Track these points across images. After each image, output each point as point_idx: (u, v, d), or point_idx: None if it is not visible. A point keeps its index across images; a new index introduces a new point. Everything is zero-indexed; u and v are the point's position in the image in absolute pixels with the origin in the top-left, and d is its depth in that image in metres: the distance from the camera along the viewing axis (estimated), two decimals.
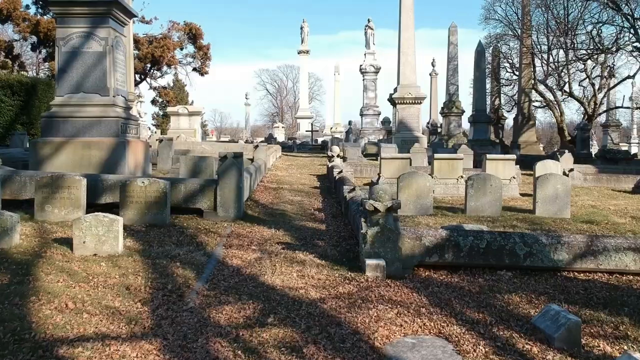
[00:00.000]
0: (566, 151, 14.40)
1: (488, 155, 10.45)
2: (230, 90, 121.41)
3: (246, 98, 63.75)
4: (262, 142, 31.92)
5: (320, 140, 43.03)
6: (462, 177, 10.34)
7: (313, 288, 4.63)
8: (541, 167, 10.43)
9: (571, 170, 12.98)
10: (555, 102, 33.39)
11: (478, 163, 15.49)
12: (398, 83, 19.40)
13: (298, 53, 44.04)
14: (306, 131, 38.21)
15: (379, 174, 10.62)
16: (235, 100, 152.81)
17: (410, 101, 18.82)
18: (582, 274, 5.26)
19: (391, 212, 5.31)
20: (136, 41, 22.55)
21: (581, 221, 7.78)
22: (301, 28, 43.23)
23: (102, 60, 9.58)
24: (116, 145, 9.42)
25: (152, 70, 23.59)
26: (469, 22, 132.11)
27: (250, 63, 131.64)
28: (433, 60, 41.38)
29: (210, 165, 8.88)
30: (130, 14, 10.46)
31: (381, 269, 5.04)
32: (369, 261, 5.09)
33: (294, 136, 40.80)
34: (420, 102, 19.16)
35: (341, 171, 10.36)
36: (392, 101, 19.35)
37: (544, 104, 33.93)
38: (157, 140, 20.09)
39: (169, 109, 30.02)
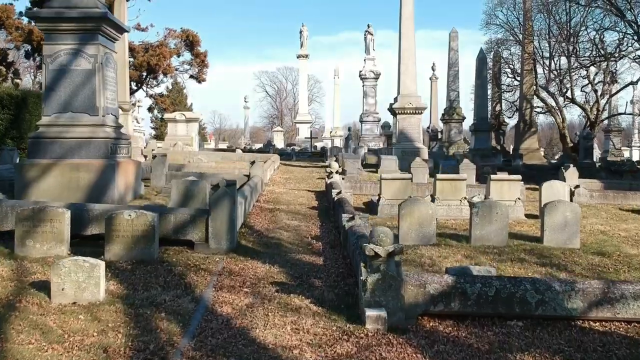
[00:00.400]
0: (571, 166, 14.03)
1: (492, 176, 10.08)
2: (230, 91, 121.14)
3: (245, 101, 63.38)
4: (260, 149, 31.60)
5: (319, 145, 42.71)
6: (465, 198, 9.98)
7: (308, 347, 4.26)
8: (548, 190, 10.06)
9: (577, 187, 12.62)
10: (557, 108, 33.05)
11: (481, 177, 15.14)
12: (398, 93, 19.03)
13: (297, 57, 43.72)
14: (305, 138, 37.84)
15: (379, 195, 10.25)
16: (235, 101, 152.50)
17: (411, 111, 18.45)
18: (597, 324, 4.89)
19: (393, 257, 4.94)
20: (131, 49, 22.19)
21: (592, 252, 7.41)
22: (300, 32, 42.91)
23: (91, 78, 9.21)
24: (105, 167, 9.06)
25: (147, 79, 23.21)
26: (469, 23, 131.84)
27: (250, 64, 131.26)
28: (433, 64, 41.03)
29: (202, 190, 8.51)
30: (121, 29, 10.09)
31: (382, 321, 4.66)
32: (369, 312, 4.71)
33: (293, 142, 40.47)
34: (421, 113, 18.79)
35: (340, 192, 9.99)
36: (392, 111, 18.99)
37: (546, 110, 33.59)
38: (151, 155, 19.74)
39: (167, 116, 29.68)
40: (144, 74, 22.41)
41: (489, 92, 37.10)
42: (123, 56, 19.65)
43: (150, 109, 27.99)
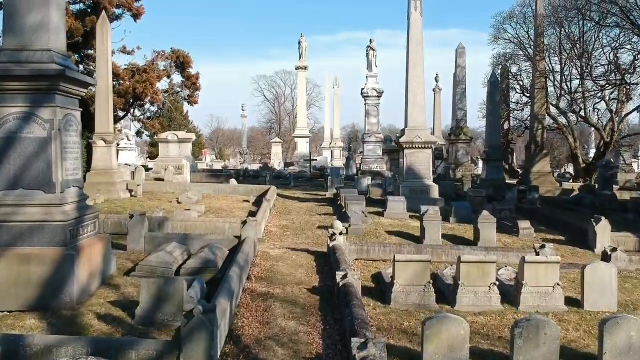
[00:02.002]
0: (602, 219, 12.50)
1: (527, 258, 8.51)
2: (228, 91, 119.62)
3: (242, 110, 61.92)
4: (256, 172, 30.01)
5: (319, 160, 41.15)
6: (495, 284, 8.41)
7: None
8: (592, 274, 8.48)
9: (614, 250, 11.04)
10: (568, 127, 31.53)
11: (500, 224, 13.57)
12: (406, 125, 17.46)
13: (296, 69, 42.16)
14: (304, 155, 36.24)
15: (392, 278, 8.66)
16: (233, 101, 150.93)
17: (420, 146, 16.89)
18: None
19: None
20: (116, 75, 20.57)
21: None
22: (299, 43, 41.32)
23: (46, 148, 7.63)
24: (63, 258, 7.47)
25: (134, 106, 21.52)
26: (474, 23, 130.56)
27: (247, 64, 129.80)
28: (437, 75, 39.52)
29: (179, 291, 6.93)
30: (86, 84, 8.50)
31: None
32: None
33: (291, 162, 38.88)
34: (431, 147, 17.22)
35: (345, 275, 8.39)
36: (398, 145, 17.41)
37: (556, 128, 32.07)
38: (140, 190, 18.14)
39: (158, 136, 28.09)
40: (131, 100, 20.79)
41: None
42: (107, 82, 18.10)
43: (138, 134, 26.36)
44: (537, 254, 11.21)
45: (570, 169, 51.37)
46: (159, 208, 15.65)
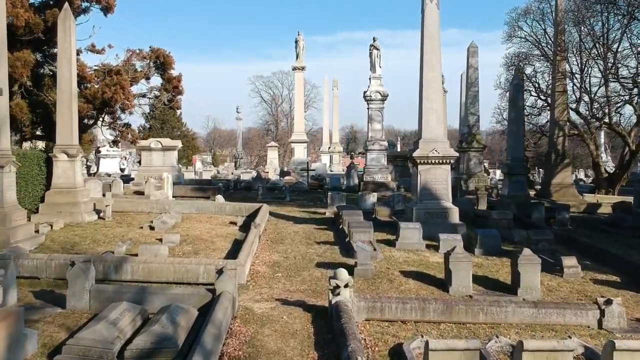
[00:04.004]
0: None
1: (617, 344, 5.94)
2: (225, 91, 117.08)
3: (237, 112, 59.34)
4: (248, 183, 27.36)
5: (317, 167, 38.51)
6: None
7: None
8: None
9: None
10: (589, 133, 28.96)
11: (545, 265, 10.92)
12: (419, 136, 14.86)
13: (293, 69, 39.54)
14: (301, 164, 33.60)
15: None
16: (231, 101, 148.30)
17: (437, 161, 14.31)
18: None
19: None
20: (83, 77, 17.91)
21: None
22: (296, 42, 38.68)
23: None
24: None
25: (103, 114, 18.78)
26: (473, 25, 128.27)
27: (245, 64, 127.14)
28: (442, 76, 36.90)
29: None
30: None
31: None
32: None
33: (288, 169, 36.22)
34: (449, 162, 14.61)
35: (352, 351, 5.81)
36: (411, 160, 14.80)
37: (575, 133, 29.50)
38: (107, 210, 15.57)
39: (140, 143, 25.47)
40: (99, 106, 18.09)
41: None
42: (70, 86, 15.48)
43: (115, 143, 23.66)
44: (602, 312, 8.67)
45: (581, 174, 48.82)
46: (124, 238, 13.04)
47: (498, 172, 49.11)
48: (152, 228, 14.21)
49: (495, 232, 13.38)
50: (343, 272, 8.62)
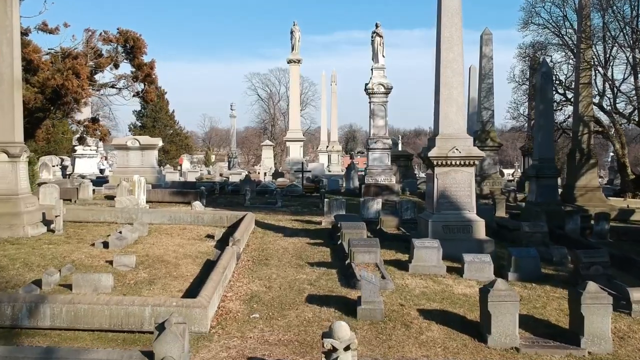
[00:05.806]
0: None
1: None
2: (222, 90, 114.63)
3: (231, 109, 56.57)
4: (235, 186, 24.64)
5: (313, 168, 35.83)
6: None
7: None
8: None
9: None
10: (614, 130, 26.24)
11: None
12: (436, 132, 12.16)
13: (288, 62, 36.72)
14: (295, 163, 30.86)
15: None
16: (228, 100, 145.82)
17: (458, 162, 11.63)
18: None
19: None
20: (29, 62, 15.13)
21: None
22: (291, 32, 35.86)
23: None
24: None
25: (56, 106, 15.96)
26: (474, 19, 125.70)
27: (241, 62, 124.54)
28: None
29: None
30: None
31: None
32: None
33: (282, 169, 33.47)
34: (474, 164, 11.88)
35: None
36: (426, 161, 12.08)
37: (599, 130, 26.78)
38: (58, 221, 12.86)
39: (115, 142, 22.73)
40: (50, 96, 15.28)
41: (525, 105, 30.37)
42: (11, 71, 12.76)
43: (80, 140, 20.79)
44: None
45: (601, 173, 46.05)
46: (65, 260, 10.31)
47: (509, 171, 46.42)
48: (105, 246, 11.47)
49: (535, 252, 10.66)
50: (342, 328, 5.88)
